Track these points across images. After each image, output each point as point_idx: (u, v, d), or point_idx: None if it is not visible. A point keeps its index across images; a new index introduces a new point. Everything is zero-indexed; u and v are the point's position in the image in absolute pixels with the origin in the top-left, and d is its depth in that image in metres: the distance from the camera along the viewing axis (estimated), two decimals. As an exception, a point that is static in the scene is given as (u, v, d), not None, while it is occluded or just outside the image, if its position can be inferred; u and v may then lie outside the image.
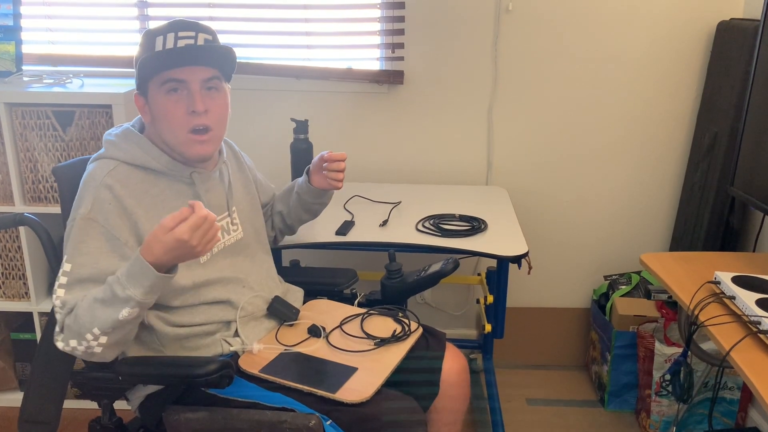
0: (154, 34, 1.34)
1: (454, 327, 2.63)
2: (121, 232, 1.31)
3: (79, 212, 1.31)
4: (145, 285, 1.19)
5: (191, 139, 1.36)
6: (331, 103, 2.38)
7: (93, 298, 1.22)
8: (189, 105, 1.34)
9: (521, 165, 2.42)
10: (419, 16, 2.28)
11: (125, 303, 1.19)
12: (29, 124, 1.99)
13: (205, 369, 1.26)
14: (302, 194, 1.69)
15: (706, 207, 2.18)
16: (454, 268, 1.61)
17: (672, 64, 2.29)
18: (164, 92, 1.34)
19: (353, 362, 1.40)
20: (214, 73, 1.38)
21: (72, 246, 1.29)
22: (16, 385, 2.31)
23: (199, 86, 1.35)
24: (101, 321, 1.20)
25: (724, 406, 2.14)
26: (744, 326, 1.34)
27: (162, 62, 1.33)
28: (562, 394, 2.43)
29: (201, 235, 1.18)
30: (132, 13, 2.32)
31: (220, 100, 1.40)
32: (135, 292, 1.19)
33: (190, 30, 1.34)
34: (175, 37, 1.33)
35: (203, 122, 1.36)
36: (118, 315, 1.19)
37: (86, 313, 1.22)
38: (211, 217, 1.18)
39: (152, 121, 1.39)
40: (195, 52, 1.34)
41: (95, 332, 1.21)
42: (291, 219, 1.75)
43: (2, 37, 2.12)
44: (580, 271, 2.54)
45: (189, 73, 1.34)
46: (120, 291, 1.19)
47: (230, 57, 1.40)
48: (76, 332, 1.23)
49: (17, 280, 2.15)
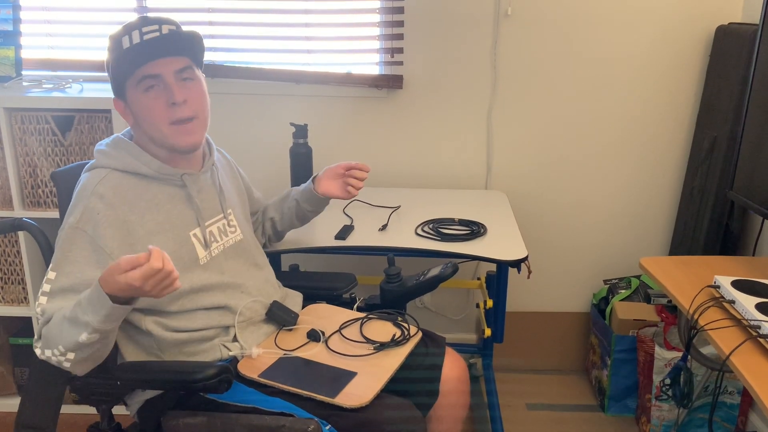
0: (119, 36, 1.35)
1: (454, 331, 2.63)
2: (108, 242, 1.31)
3: (69, 221, 1.31)
4: (101, 313, 1.17)
5: (176, 131, 1.37)
6: (330, 108, 2.38)
7: (62, 315, 1.22)
8: (168, 98, 1.35)
9: (520, 169, 2.42)
10: (418, 20, 2.28)
11: (84, 327, 1.18)
12: (29, 129, 1.99)
13: (204, 374, 1.25)
14: (302, 202, 1.71)
15: (706, 211, 2.18)
16: (453, 272, 1.61)
17: (671, 68, 2.30)
18: (141, 90, 1.35)
19: (352, 367, 1.39)
20: (186, 63, 1.38)
21: (59, 255, 1.30)
22: (15, 390, 2.30)
23: (174, 78, 1.36)
24: (66, 340, 1.20)
25: (724, 411, 2.13)
26: (744, 330, 1.33)
27: (132, 59, 1.34)
28: (562, 399, 2.42)
29: (154, 284, 1.13)
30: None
31: (197, 89, 1.41)
32: (92, 319, 1.17)
33: (153, 24, 1.35)
34: (140, 33, 1.33)
35: (185, 113, 1.37)
36: (78, 338, 1.18)
37: (55, 328, 1.22)
38: (168, 268, 1.13)
39: (135, 123, 1.40)
40: (162, 43, 1.35)
41: (60, 349, 1.21)
42: (282, 226, 1.77)
43: (2, 42, 2.12)
44: (580, 275, 2.54)
45: (162, 66, 1.34)
46: (81, 315, 1.18)
47: (197, 42, 1.40)
48: (47, 343, 1.23)
49: (16, 284, 2.15)
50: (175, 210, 1.41)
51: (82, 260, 1.29)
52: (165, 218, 1.39)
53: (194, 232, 1.43)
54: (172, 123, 1.36)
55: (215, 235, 1.48)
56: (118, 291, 1.15)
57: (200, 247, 1.44)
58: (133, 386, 1.38)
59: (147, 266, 1.11)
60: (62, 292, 1.27)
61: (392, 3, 2.26)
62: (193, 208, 1.44)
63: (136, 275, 1.11)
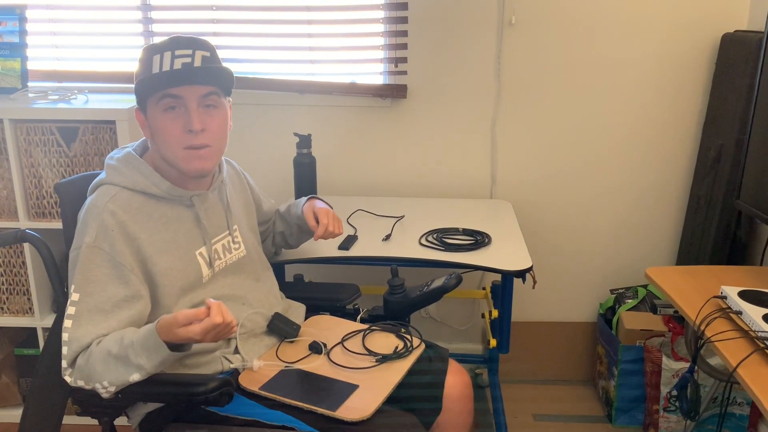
0: (152, 52, 1.33)
1: (459, 342, 2.62)
2: (127, 258, 1.31)
3: (84, 240, 1.30)
4: (157, 359, 1.21)
5: (189, 155, 1.36)
6: (334, 118, 2.38)
7: (108, 351, 1.23)
8: (186, 124, 1.34)
9: (525, 178, 2.41)
10: (422, 30, 2.28)
11: (137, 369, 1.21)
12: (34, 140, 2.00)
13: (205, 387, 1.25)
14: (303, 225, 1.71)
15: (713, 220, 2.16)
16: (457, 283, 1.60)
17: (676, 76, 2.28)
18: (161, 109, 1.34)
19: (354, 379, 1.39)
20: (212, 90, 1.37)
21: (79, 275, 1.29)
22: (20, 401, 2.30)
23: (197, 104, 1.35)
24: (113, 376, 1.22)
25: (733, 422, 2.10)
26: (751, 342, 1.32)
27: (158, 83, 1.33)
28: (569, 410, 2.40)
29: (213, 336, 1.19)
30: (136, 30, 2.34)
31: (219, 117, 1.39)
32: (146, 363, 1.21)
33: (187, 48, 1.33)
34: (172, 56, 1.32)
35: (200, 141, 1.35)
36: (129, 377, 1.22)
37: (100, 363, 1.23)
38: (227, 320, 1.18)
39: (152, 137, 1.39)
40: (191, 73, 1.34)
41: (105, 384, 1.23)
42: (292, 240, 1.78)
43: (8, 54, 2.14)
44: (586, 285, 2.52)
45: (186, 90, 1.33)
46: (133, 357, 1.21)
47: (228, 76, 1.39)
48: (87, 376, 1.24)
49: (21, 295, 2.16)
50: (183, 229, 1.41)
51: (103, 278, 1.29)
52: (172, 237, 1.39)
53: (200, 251, 1.44)
54: (185, 147, 1.36)
55: (219, 252, 1.48)
56: (175, 340, 1.20)
57: (205, 265, 1.44)
58: (134, 399, 1.38)
59: (208, 322, 1.16)
60: (88, 313, 1.27)
61: (396, 13, 2.26)
62: (200, 228, 1.44)
63: (197, 330, 1.16)
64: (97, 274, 1.29)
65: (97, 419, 1.40)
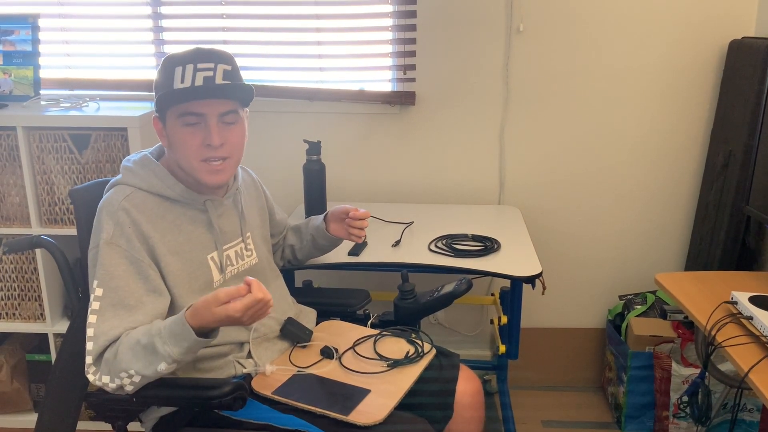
0: (174, 63, 1.34)
1: (468, 348, 2.62)
2: (142, 254, 1.33)
3: (101, 237, 1.31)
4: (184, 346, 1.21)
5: (206, 167, 1.37)
6: (343, 125, 2.39)
7: (137, 341, 1.23)
8: (205, 138, 1.35)
9: (534, 184, 2.42)
10: (431, 37, 2.29)
11: (164, 358, 1.21)
12: (46, 147, 2.02)
13: (219, 391, 1.26)
14: (318, 238, 1.71)
15: (722, 226, 2.16)
16: (467, 288, 1.61)
17: (684, 83, 2.29)
18: (181, 124, 1.35)
19: (366, 384, 1.39)
20: (232, 107, 1.38)
21: (101, 270, 1.30)
22: (31, 407, 2.31)
23: (217, 120, 1.36)
24: (141, 365, 1.22)
25: (744, 429, 2.10)
26: (762, 347, 1.32)
27: (180, 97, 1.34)
28: (578, 416, 2.39)
29: (252, 314, 1.19)
30: (147, 38, 2.36)
31: (237, 132, 1.41)
32: (173, 351, 1.20)
33: (209, 61, 1.34)
34: (194, 70, 1.32)
35: (218, 154, 1.37)
36: (157, 367, 1.21)
37: (126, 353, 1.23)
38: (267, 298, 1.19)
39: (169, 146, 1.40)
40: (213, 90, 1.35)
41: (131, 372, 1.22)
42: (302, 254, 1.78)
43: (21, 62, 2.16)
44: (595, 291, 2.52)
45: (207, 106, 1.34)
46: (160, 346, 1.21)
47: (248, 91, 1.40)
48: (113, 368, 1.24)
49: (33, 301, 2.17)
50: (196, 233, 1.42)
51: (124, 274, 1.30)
52: (185, 240, 1.40)
53: (212, 256, 1.44)
54: (203, 160, 1.37)
55: (231, 258, 1.49)
56: (211, 323, 1.20)
57: (216, 270, 1.45)
58: (148, 403, 1.38)
59: (250, 297, 1.17)
60: (113, 308, 1.28)
61: (404, 20, 2.28)
62: (213, 233, 1.45)
63: (238, 306, 1.16)
64: (119, 270, 1.30)
65: (110, 423, 1.41)
